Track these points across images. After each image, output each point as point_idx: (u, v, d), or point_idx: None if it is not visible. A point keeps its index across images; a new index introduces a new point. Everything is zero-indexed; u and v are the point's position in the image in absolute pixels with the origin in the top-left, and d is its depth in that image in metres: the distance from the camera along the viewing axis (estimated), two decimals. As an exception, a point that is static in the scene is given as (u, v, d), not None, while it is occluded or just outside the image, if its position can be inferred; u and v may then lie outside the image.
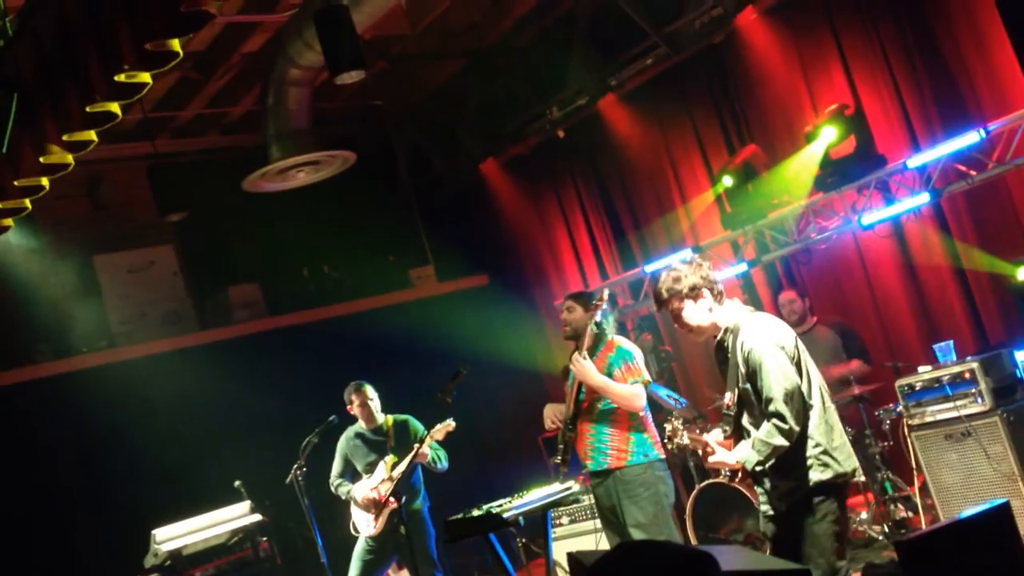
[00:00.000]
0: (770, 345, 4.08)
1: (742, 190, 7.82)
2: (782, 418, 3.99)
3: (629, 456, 5.55)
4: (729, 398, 4.25)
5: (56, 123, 4.75)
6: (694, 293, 4.23)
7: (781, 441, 4.01)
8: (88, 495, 7.88)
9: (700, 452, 4.33)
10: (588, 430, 5.65)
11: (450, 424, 6.58)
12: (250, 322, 9.45)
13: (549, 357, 9.85)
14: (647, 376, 5.64)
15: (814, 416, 4.10)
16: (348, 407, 6.93)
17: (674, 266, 4.36)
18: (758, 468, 4.10)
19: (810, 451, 4.08)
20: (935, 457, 6.06)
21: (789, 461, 4.08)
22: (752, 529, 6.73)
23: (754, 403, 4.15)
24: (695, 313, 4.26)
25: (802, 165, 7.40)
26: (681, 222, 8.91)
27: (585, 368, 5.51)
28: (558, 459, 5.71)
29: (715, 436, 4.33)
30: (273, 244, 9.77)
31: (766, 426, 4.05)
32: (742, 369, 4.15)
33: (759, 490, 4.27)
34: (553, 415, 5.88)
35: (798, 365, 4.11)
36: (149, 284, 9.22)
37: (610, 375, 5.56)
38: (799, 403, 4.03)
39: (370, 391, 6.91)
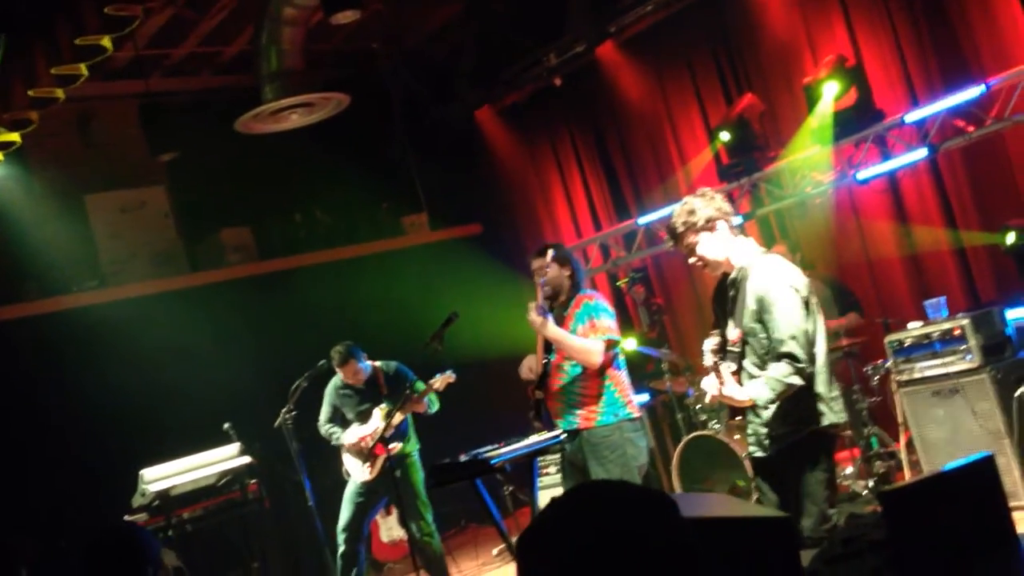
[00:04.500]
0: (784, 286, 4.02)
1: (740, 142, 7.77)
2: (795, 358, 3.94)
3: (598, 416, 5.30)
4: (736, 335, 4.14)
5: (46, 56, 4.70)
6: (709, 225, 4.13)
7: (796, 380, 3.95)
8: (76, 434, 7.87)
9: (713, 382, 4.10)
10: (558, 389, 5.43)
11: (450, 376, 6.54)
12: (241, 265, 9.41)
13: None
14: (614, 336, 5.29)
15: (816, 363, 4.05)
16: (336, 368, 6.83)
17: (687, 200, 4.22)
18: (769, 407, 4.04)
19: (808, 398, 4.05)
20: (922, 413, 6.08)
21: (785, 406, 4.04)
22: (738, 482, 6.78)
23: (759, 343, 4.09)
24: (711, 246, 4.16)
25: (815, 124, 7.29)
26: (677, 173, 8.86)
27: (535, 320, 5.29)
28: (531, 414, 5.56)
29: (728, 367, 4.17)
30: (266, 187, 9.70)
31: (779, 365, 3.97)
32: (752, 307, 4.08)
33: (749, 430, 4.23)
34: (530, 366, 5.73)
35: (807, 308, 4.04)
36: (140, 225, 9.15)
37: (574, 332, 5.32)
38: (807, 346, 3.99)
39: (359, 357, 6.78)
